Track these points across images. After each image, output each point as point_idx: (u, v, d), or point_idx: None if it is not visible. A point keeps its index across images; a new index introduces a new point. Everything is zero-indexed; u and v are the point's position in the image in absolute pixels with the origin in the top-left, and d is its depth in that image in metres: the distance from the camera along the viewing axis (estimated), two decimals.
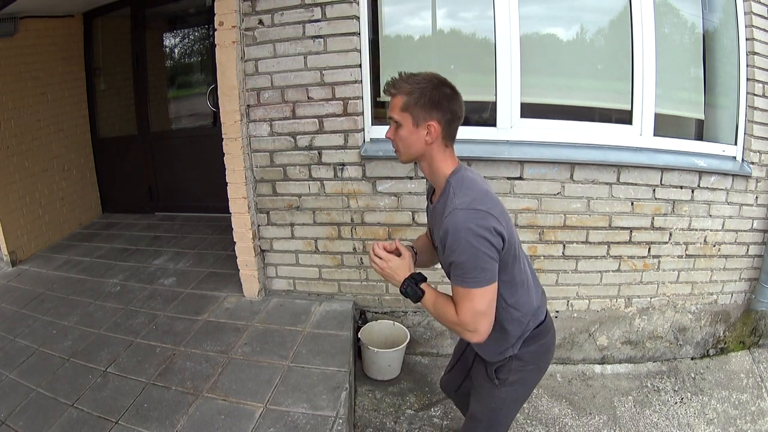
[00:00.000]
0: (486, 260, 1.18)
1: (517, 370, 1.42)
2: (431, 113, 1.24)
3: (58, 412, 1.90)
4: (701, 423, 2.28)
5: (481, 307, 1.20)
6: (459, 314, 1.22)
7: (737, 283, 2.67)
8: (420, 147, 1.28)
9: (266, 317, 2.52)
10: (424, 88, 1.24)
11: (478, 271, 1.18)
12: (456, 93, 1.28)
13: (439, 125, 1.25)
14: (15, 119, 3.38)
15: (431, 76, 1.27)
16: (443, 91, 1.25)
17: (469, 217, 1.17)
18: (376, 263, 1.37)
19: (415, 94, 1.24)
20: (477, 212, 1.18)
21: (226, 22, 2.33)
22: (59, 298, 2.85)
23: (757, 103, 2.36)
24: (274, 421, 1.81)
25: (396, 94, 1.26)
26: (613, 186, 2.37)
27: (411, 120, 1.25)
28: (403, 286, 1.34)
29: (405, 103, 1.25)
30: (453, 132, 1.29)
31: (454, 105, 1.26)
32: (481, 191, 1.24)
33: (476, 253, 1.17)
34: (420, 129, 1.25)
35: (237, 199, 2.54)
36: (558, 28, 2.49)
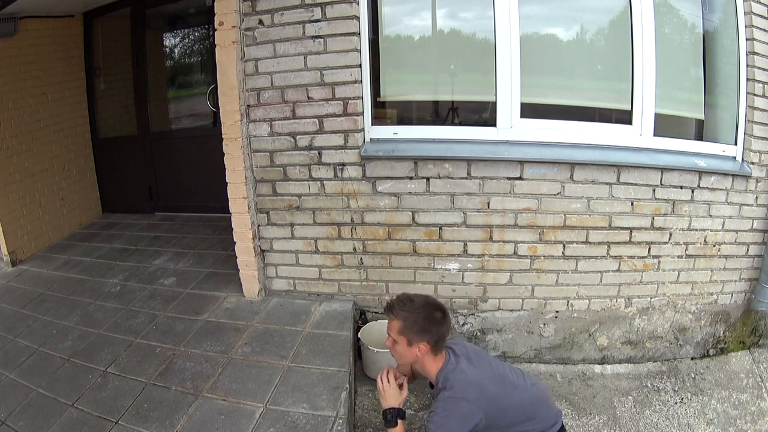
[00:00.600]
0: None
1: None
2: (422, 337, 1.57)
3: (58, 412, 1.90)
4: (701, 423, 2.28)
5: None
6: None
7: (737, 283, 2.67)
8: (413, 358, 1.63)
9: (266, 317, 2.52)
10: (416, 317, 1.57)
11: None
12: (445, 317, 1.61)
13: (428, 345, 1.58)
14: (15, 119, 3.38)
15: (424, 303, 1.61)
16: (434, 318, 1.58)
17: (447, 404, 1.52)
18: (381, 384, 1.69)
19: (409, 322, 1.57)
20: (454, 400, 1.51)
21: (226, 22, 2.33)
22: (59, 298, 2.85)
23: (757, 103, 2.36)
24: (274, 421, 1.81)
25: (393, 318, 1.60)
26: (613, 186, 2.37)
27: (405, 341, 1.59)
28: (388, 411, 1.65)
29: (401, 327, 1.58)
30: (440, 346, 1.62)
31: (441, 329, 1.59)
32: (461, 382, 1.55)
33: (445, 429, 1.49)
34: (413, 348, 1.59)
35: (237, 199, 2.54)
36: (558, 28, 2.49)
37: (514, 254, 2.47)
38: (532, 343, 2.63)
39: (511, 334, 2.61)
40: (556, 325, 2.60)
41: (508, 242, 2.45)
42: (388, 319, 1.63)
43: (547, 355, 2.65)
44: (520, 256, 2.47)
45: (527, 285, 2.52)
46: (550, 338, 2.62)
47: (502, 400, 1.57)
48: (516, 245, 2.46)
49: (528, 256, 2.47)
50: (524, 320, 2.59)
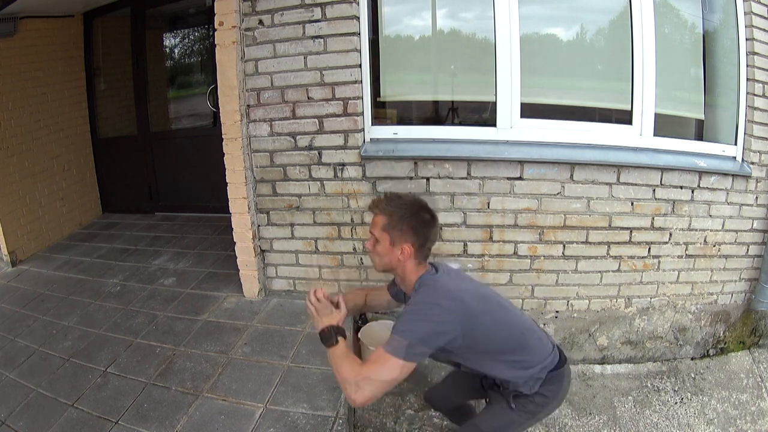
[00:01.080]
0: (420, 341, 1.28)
1: (539, 403, 1.49)
2: (406, 237, 1.40)
3: (58, 412, 1.90)
4: (701, 423, 2.28)
5: (386, 377, 1.26)
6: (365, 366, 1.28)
7: (737, 283, 2.67)
8: (394, 262, 1.44)
9: (266, 317, 2.52)
10: (403, 213, 1.41)
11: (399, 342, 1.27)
12: (434, 219, 1.45)
13: (412, 248, 1.41)
14: (15, 119, 3.38)
15: (413, 201, 1.45)
16: (421, 218, 1.42)
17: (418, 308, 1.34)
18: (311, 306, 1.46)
19: (395, 218, 1.41)
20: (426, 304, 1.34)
21: (226, 22, 2.33)
22: (59, 298, 2.85)
23: (757, 103, 2.36)
24: (274, 422, 1.81)
25: (378, 214, 1.43)
26: (613, 186, 2.37)
27: (388, 239, 1.42)
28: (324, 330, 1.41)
29: (385, 223, 1.42)
30: (425, 253, 1.46)
31: (429, 232, 1.44)
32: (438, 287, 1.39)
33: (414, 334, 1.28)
34: (395, 248, 1.42)
35: (237, 200, 2.54)
36: (558, 28, 2.49)
37: (514, 254, 2.47)
38: None
39: None
40: (556, 325, 2.60)
41: (508, 242, 2.45)
42: (373, 216, 1.46)
43: None
44: (520, 256, 2.47)
45: (527, 285, 2.52)
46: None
47: (485, 318, 1.39)
48: (516, 245, 2.46)
49: (528, 256, 2.47)
50: None
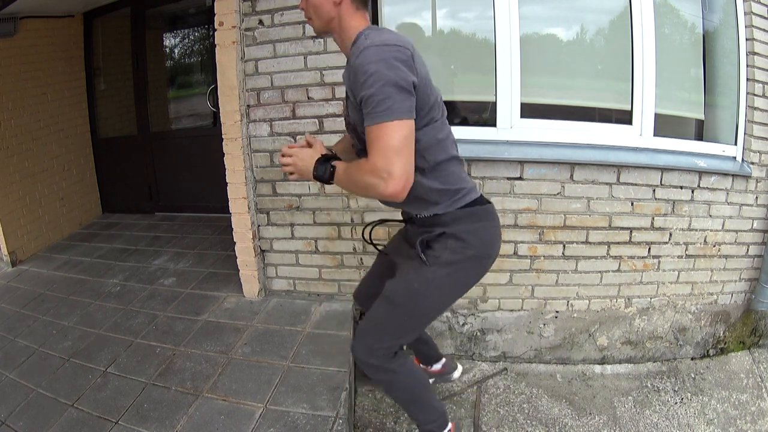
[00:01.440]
0: (399, 90, 1.06)
1: (454, 249, 1.26)
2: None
3: (58, 412, 1.90)
4: (701, 423, 2.28)
5: (395, 143, 1.05)
6: (371, 159, 1.07)
7: (737, 283, 2.67)
8: (329, 9, 1.21)
9: (266, 317, 2.52)
10: None
11: (390, 101, 1.05)
12: None
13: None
14: (15, 119, 3.38)
15: None
16: None
17: (381, 51, 1.08)
18: (286, 162, 1.27)
19: None
20: (389, 46, 1.09)
21: (226, 22, 2.33)
22: (59, 299, 2.85)
23: (757, 104, 2.36)
24: (274, 422, 1.81)
25: None
26: (613, 186, 2.37)
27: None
28: (315, 171, 1.22)
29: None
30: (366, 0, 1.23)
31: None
32: (394, 34, 1.17)
33: (388, 82, 1.05)
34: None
35: (237, 200, 2.54)
36: (558, 28, 2.49)
37: (514, 254, 2.47)
38: (532, 343, 2.63)
39: (511, 334, 2.61)
40: (556, 325, 2.60)
41: (508, 242, 2.45)
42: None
43: (547, 356, 2.65)
44: (520, 256, 2.47)
45: (527, 285, 2.52)
46: (550, 338, 2.62)
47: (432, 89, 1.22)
48: (516, 245, 2.46)
49: (528, 256, 2.47)
50: (524, 320, 2.59)
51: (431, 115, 1.21)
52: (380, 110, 1.05)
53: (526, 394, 2.42)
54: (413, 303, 1.31)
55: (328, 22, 1.24)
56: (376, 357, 1.37)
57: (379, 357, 1.37)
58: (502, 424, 2.22)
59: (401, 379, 1.43)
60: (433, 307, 1.37)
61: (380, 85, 1.05)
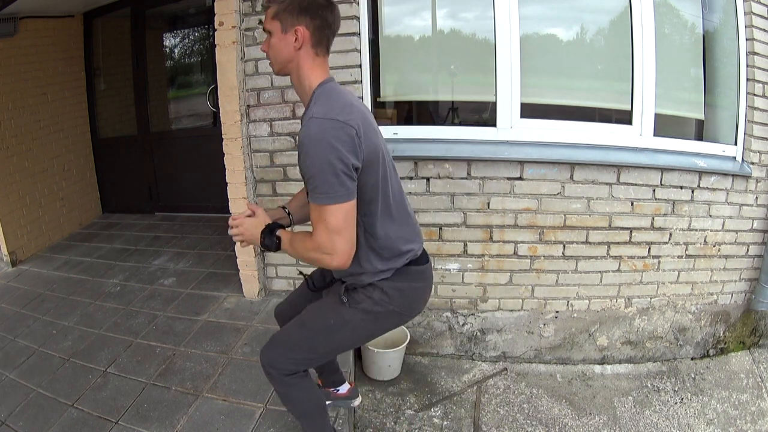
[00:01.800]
0: (339, 174, 1.09)
1: (376, 301, 1.30)
2: (299, 18, 1.20)
3: (58, 412, 1.90)
4: (701, 423, 2.28)
5: (336, 225, 1.11)
6: (314, 235, 1.13)
7: (737, 283, 2.67)
8: (288, 53, 1.23)
9: (266, 317, 2.52)
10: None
11: (330, 185, 1.09)
12: (330, 3, 1.24)
13: (307, 30, 1.21)
14: (15, 119, 3.38)
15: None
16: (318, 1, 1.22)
17: (323, 127, 1.09)
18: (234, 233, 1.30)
19: (286, 1, 1.20)
20: (332, 122, 1.10)
21: (226, 22, 2.33)
22: (59, 299, 2.85)
23: (757, 103, 2.36)
24: (274, 422, 1.81)
25: (269, 5, 1.23)
26: (613, 186, 2.37)
27: (280, 26, 1.22)
28: (261, 239, 1.26)
29: (275, 10, 1.22)
30: (323, 40, 1.24)
31: (324, 12, 1.23)
32: (343, 102, 1.17)
33: (328, 167, 1.08)
34: (288, 35, 1.21)
35: (237, 200, 2.54)
36: (558, 29, 2.49)
37: (514, 254, 2.47)
38: (532, 344, 2.63)
39: (511, 334, 2.61)
40: (556, 326, 2.60)
41: (508, 242, 2.45)
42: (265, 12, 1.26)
43: (547, 356, 2.65)
44: (520, 256, 2.47)
45: (527, 285, 2.52)
46: (550, 338, 2.62)
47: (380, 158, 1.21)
48: (516, 245, 2.46)
49: (528, 256, 2.47)
50: (524, 320, 2.59)
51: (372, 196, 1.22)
52: (320, 193, 1.10)
53: (526, 394, 2.42)
54: (324, 336, 1.36)
55: (286, 64, 1.26)
56: (276, 369, 1.41)
57: (278, 370, 1.41)
58: (502, 424, 2.22)
59: (295, 394, 1.46)
60: (341, 344, 1.43)
61: (319, 169, 1.08)
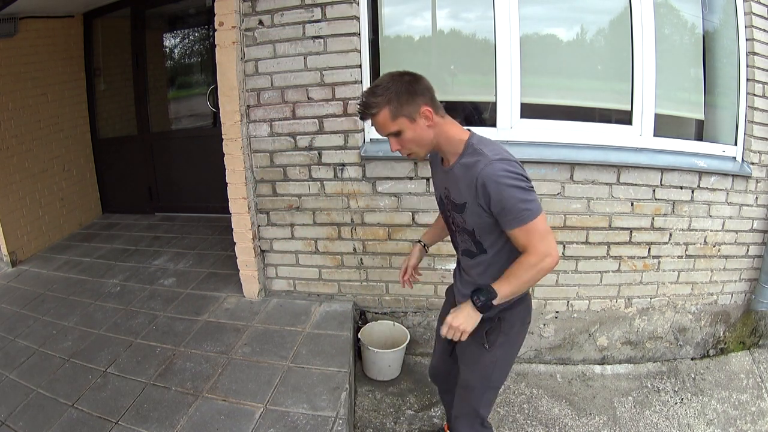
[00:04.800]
0: (530, 194, 1.27)
1: (506, 331, 1.47)
2: (417, 101, 1.30)
3: (58, 412, 1.90)
4: (701, 423, 2.28)
5: (545, 229, 1.28)
6: (533, 250, 1.27)
7: (737, 283, 2.67)
8: (429, 135, 1.34)
9: (266, 318, 2.52)
10: (396, 89, 1.30)
11: (528, 203, 1.26)
12: (417, 75, 1.35)
13: (428, 106, 1.31)
14: (15, 120, 3.38)
15: (390, 77, 1.33)
16: (409, 80, 1.32)
17: (506, 166, 1.26)
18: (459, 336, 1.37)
19: (394, 99, 1.29)
20: (510, 162, 1.28)
21: (226, 22, 2.33)
22: (59, 299, 2.85)
23: (757, 104, 2.36)
24: (274, 422, 1.81)
25: (377, 113, 1.31)
26: (613, 186, 2.37)
27: (407, 121, 1.31)
28: (478, 306, 1.34)
29: (392, 112, 1.30)
30: (437, 103, 1.35)
31: (423, 84, 1.33)
32: (503, 148, 1.34)
33: (521, 192, 1.26)
34: (418, 121, 1.31)
35: (237, 200, 2.54)
36: (558, 29, 2.49)
37: None
38: (532, 344, 2.63)
39: None
40: (556, 326, 2.60)
41: None
42: (372, 119, 1.34)
43: (547, 356, 2.65)
44: None
45: None
46: (550, 338, 2.62)
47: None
48: None
49: None
50: None
51: None
52: (525, 215, 1.26)
53: (526, 394, 2.42)
54: (487, 381, 1.55)
55: (432, 143, 1.37)
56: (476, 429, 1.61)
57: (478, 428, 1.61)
58: (502, 424, 2.22)
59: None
60: (501, 378, 1.59)
61: (516, 196, 1.25)
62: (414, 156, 1.40)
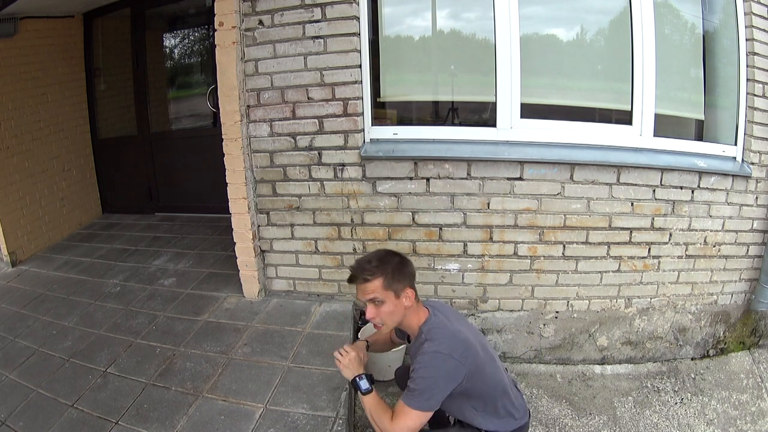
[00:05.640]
0: (433, 394, 1.40)
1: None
2: (405, 283, 1.49)
3: (58, 412, 1.90)
4: (701, 423, 2.28)
5: (412, 425, 1.41)
6: (393, 423, 1.42)
7: (737, 283, 2.67)
8: (402, 314, 1.51)
9: (266, 318, 2.52)
10: (392, 266, 1.48)
11: (423, 398, 1.40)
12: (406, 258, 1.56)
13: (412, 290, 1.51)
14: (15, 120, 3.38)
15: (385, 254, 1.54)
16: (403, 262, 1.53)
17: (434, 360, 1.41)
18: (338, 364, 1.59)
19: (389, 273, 1.46)
20: (440, 356, 1.41)
21: (226, 22, 2.33)
22: (59, 299, 2.85)
23: (757, 104, 2.36)
24: (274, 422, 1.81)
25: (372, 279, 1.46)
26: (613, 186, 2.37)
27: (393, 295, 1.47)
28: (356, 378, 1.53)
29: (384, 283, 1.46)
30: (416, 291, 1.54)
31: (412, 269, 1.54)
32: (446, 335, 1.46)
33: (429, 386, 1.40)
34: (401, 299, 1.49)
35: (237, 200, 2.54)
36: (558, 29, 2.49)
37: (514, 255, 2.47)
38: (532, 344, 2.63)
39: (511, 334, 2.61)
40: (556, 326, 2.60)
41: (508, 242, 2.45)
42: (361, 287, 1.50)
43: (547, 356, 2.65)
44: (520, 257, 2.47)
45: (527, 285, 2.52)
46: (550, 339, 2.62)
47: (484, 366, 1.50)
48: (516, 246, 2.46)
49: (528, 257, 2.47)
50: (524, 321, 2.59)
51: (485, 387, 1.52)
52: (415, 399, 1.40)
53: (526, 394, 2.41)
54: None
55: (400, 322, 1.54)
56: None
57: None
58: None
59: None
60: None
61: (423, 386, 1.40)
62: (382, 329, 1.54)
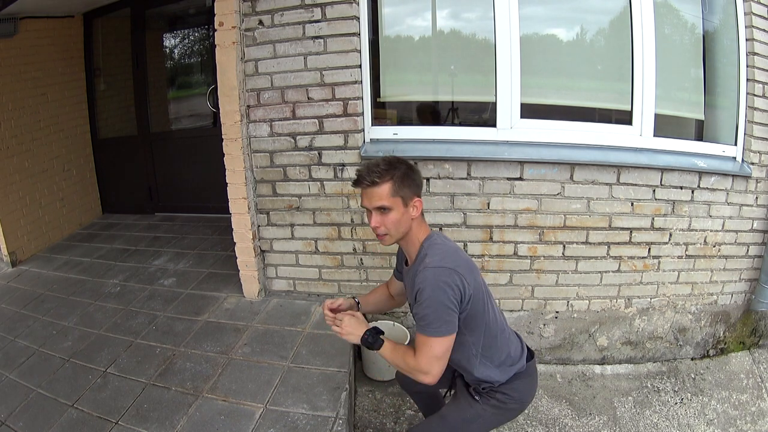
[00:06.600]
0: (448, 313, 1.30)
1: (501, 400, 1.50)
2: (414, 190, 1.38)
3: (58, 412, 1.90)
4: (701, 423, 2.28)
5: (438, 353, 1.32)
6: (417, 358, 1.34)
7: (737, 283, 2.67)
8: (408, 225, 1.39)
9: (266, 318, 2.52)
10: (402, 171, 1.36)
11: (440, 323, 1.30)
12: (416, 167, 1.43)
13: (420, 199, 1.40)
14: (15, 120, 3.38)
15: (396, 159, 1.40)
16: (412, 168, 1.40)
17: (437, 274, 1.30)
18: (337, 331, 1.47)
19: (398, 178, 1.35)
20: (444, 269, 1.31)
21: (226, 22, 2.33)
22: (59, 299, 2.85)
23: (757, 104, 2.36)
24: (273, 422, 1.81)
25: (379, 183, 1.34)
26: (613, 186, 2.37)
27: (401, 202, 1.36)
28: (364, 337, 1.42)
29: (393, 188, 1.34)
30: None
31: (420, 178, 1.43)
32: (449, 250, 1.38)
33: (440, 307, 1.29)
34: (409, 207, 1.37)
35: (237, 200, 2.54)
36: (558, 29, 2.49)
37: (514, 255, 2.47)
38: (532, 344, 2.63)
39: None
40: (556, 326, 2.60)
41: (508, 243, 2.45)
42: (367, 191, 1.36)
43: (547, 356, 2.65)
44: (520, 257, 2.47)
45: (527, 285, 2.52)
46: (550, 339, 2.62)
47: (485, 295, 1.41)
48: (516, 246, 2.46)
49: (528, 257, 2.47)
50: (524, 321, 2.59)
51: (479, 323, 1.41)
52: (432, 328, 1.30)
53: None
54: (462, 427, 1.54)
55: (406, 233, 1.41)
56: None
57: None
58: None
59: None
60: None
61: (434, 308, 1.29)
62: (385, 239, 1.42)
